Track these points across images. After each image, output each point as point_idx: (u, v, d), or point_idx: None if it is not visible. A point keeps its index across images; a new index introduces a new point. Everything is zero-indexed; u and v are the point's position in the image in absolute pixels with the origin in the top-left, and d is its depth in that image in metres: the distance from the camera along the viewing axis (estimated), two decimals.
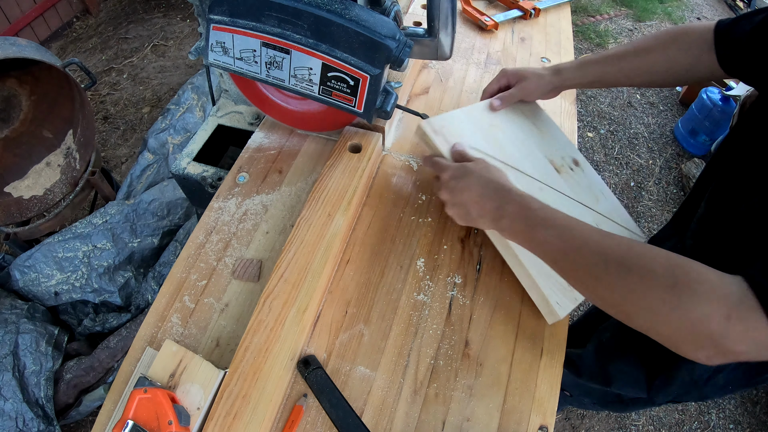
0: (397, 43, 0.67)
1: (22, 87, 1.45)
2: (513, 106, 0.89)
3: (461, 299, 0.74)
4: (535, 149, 0.85)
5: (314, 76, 0.72)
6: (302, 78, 0.73)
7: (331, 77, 0.71)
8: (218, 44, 0.74)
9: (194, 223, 1.60)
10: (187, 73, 2.72)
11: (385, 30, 0.67)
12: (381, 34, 0.66)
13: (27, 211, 1.57)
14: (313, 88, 0.73)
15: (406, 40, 0.68)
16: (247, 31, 0.70)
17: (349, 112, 0.74)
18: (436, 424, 0.63)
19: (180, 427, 0.55)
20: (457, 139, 0.79)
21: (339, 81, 0.71)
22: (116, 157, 2.31)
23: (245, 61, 0.75)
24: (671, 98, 2.77)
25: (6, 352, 1.27)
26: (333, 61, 0.69)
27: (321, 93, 0.73)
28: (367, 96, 0.71)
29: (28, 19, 2.65)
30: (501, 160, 0.80)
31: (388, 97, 0.74)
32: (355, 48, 0.67)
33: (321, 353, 0.68)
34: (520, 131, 0.87)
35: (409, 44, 0.69)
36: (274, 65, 0.73)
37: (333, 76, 0.71)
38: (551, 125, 0.92)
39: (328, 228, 0.72)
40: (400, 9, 0.80)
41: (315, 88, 0.73)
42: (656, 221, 2.17)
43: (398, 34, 0.68)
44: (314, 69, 0.71)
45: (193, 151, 1.04)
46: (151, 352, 0.65)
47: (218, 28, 0.72)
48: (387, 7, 0.78)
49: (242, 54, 0.74)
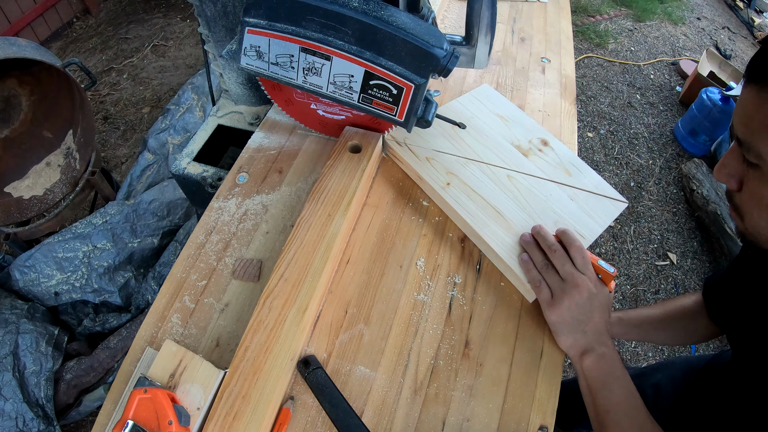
0: (445, 53, 0.65)
1: (22, 87, 1.45)
2: (475, 102, 0.96)
3: (461, 299, 0.74)
4: (500, 139, 0.90)
5: (355, 84, 0.70)
6: (342, 85, 0.71)
7: (374, 85, 0.69)
8: (252, 48, 0.72)
9: (194, 223, 1.60)
10: (187, 73, 2.72)
11: (433, 38, 0.65)
12: (429, 42, 0.64)
13: (27, 211, 1.57)
14: (352, 96, 0.71)
15: (453, 50, 0.66)
16: (286, 35, 0.68)
17: (388, 121, 0.73)
18: (436, 424, 0.63)
19: (180, 427, 0.55)
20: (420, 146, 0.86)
21: (381, 89, 0.69)
22: (116, 157, 2.31)
23: (281, 66, 0.72)
24: (671, 98, 2.77)
25: (6, 352, 1.27)
26: (377, 69, 0.66)
27: (361, 101, 0.71)
28: (410, 105, 0.69)
29: (28, 19, 2.65)
30: (466, 156, 0.86)
31: (429, 106, 0.72)
32: (401, 56, 0.65)
33: (321, 353, 0.68)
34: (483, 125, 0.92)
35: (457, 54, 0.66)
36: (312, 71, 0.71)
37: (375, 84, 0.68)
38: (515, 112, 0.96)
39: (328, 228, 0.72)
40: (435, 16, 0.79)
41: (355, 96, 0.71)
42: (656, 221, 2.17)
43: (446, 43, 0.66)
44: (356, 76, 0.69)
45: (193, 151, 1.04)
46: (151, 352, 0.65)
47: (253, 31, 0.69)
48: (425, 14, 0.76)
49: (278, 59, 0.71)
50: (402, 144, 0.87)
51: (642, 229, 2.14)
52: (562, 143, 0.91)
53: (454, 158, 0.86)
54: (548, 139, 0.91)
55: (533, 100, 1.06)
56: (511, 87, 1.09)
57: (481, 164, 0.85)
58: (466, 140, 0.89)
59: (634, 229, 2.14)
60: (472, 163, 0.85)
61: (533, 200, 0.81)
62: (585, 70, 2.90)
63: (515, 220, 0.78)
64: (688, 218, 2.19)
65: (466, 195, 0.81)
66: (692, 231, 2.15)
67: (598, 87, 2.80)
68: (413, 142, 0.87)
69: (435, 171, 0.84)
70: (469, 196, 0.80)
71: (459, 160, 0.85)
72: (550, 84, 1.10)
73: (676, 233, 2.14)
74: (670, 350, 1.81)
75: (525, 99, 1.06)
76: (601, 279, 0.68)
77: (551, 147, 0.90)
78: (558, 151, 0.89)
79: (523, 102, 1.05)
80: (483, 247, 0.78)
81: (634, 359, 1.75)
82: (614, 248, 2.07)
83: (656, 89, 2.81)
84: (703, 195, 2.10)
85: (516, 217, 0.78)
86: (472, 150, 0.87)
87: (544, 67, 1.14)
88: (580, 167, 0.87)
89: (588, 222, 0.78)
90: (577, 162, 0.88)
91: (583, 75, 2.87)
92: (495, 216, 0.78)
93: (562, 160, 0.88)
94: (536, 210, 0.79)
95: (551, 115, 1.03)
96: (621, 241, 2.09)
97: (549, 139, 0.91)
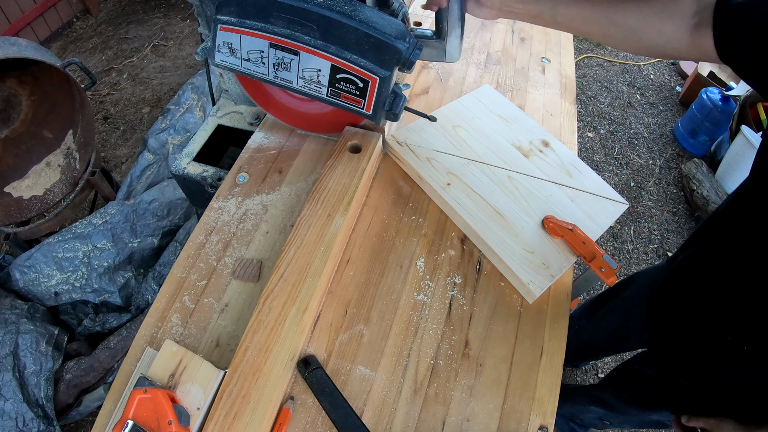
0: (407, 45, 0.67)
1: (22, 87, 1.45)
2: (476, 103, 0.95)
3: (461, 299, 0.74)
4: (501, 139, 0.90)
5: (323, 78, 0.71)
6: (310, 79, 0.72)
7: (340, 79, 0.70)
8: (225, 45, 0.74)
9: (194, 223, 1.60)
10: (187, 73, 2.72)
11: (395, 32, 0.66)
12: (391, 36, 0.66)
13: (27, 211, 1.57)
14: (321, 90, 0.73)
15: (416, 42, 0.68)
16: (255, 32, 0.70)
17: (357, 114, 0.74)
18: (436, 424, 0.63)
19: (180, 427, 0.55)
20: (421, 146, 0.86)
21: (348, 83, 0.70)
22: (116, 157, 2.31)
23: (253, 62, 0.74)
24: (671, 98, 2.77)
25: (6, 352, 1.27)
26: (342, 62, 0.68)
27: (329, 95, 0.73)
28: (376, 98, 0.70)
29: (28, 19, 2.65)
30: (466, 157, 0.86)
31: (397, 99, 0.74)
32: (365, 50, 0.67)
33: (321, 353, 0.68)
34: (484, 125, 0.92)
35: (419, 46, 0.68)
36: (282, 66, 0.73)
37: (342, 78, 0.70)
38: (517, 112, 0.96)
39: (328, 228, 0.72)
40: (407, 11, 0.80)
41: (323, 90, 0.73)
42: (656, 221, 2.17)
43: (408, 36, 0.67)
44: (323, 71, 0.70)
45: (193, 151, 1.04)
46: (151, 352, 0.65)
47: (226, 28, 0.72)
48: (395, 9, 0.77)
49: (250, 55, 0.73)
50: (403, 144, 0.87)
51: (642, 229, 2.14)
52: (562, 144, 0.91)
53: (455, 158, 0.86)
54: (549, 140, 0.91)
55: (533, 100, 1.06)
56: (511, 87, 1.09)
57: (482, 165, 0.85)
58: (466, 141, 0.89)
59: (634, 229, 2.14)
60: (473, 164, 0.85)
61: (534, 201, 0.81)
62: (585, 70, 2.90)
63: (515, 221, 0.78)
64: (688, 218, 2.19)
65: (467, 195, 0.81)
66: (692, 231, 2.15)
67: (598, 87, 2.80)
68: (414, 142, 0.87)
69: (435, 171, 0.84)
70: (469, 197, 0.80)
71: (459, 160, 0.86)
72: (550, 84, 1.10)
73: (676, 233, 2.14)
74: None
75: (525, 99, 1.06)
76: (603, 272, 0.69)
77: (552, 148, 0.90)
78: (559, 152, 0.89)
79: (523, 102, 1.05)
80: (483, 247, 0.78)
81: None
82: (614, 248, 2.07)
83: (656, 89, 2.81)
84: (703, 195, 2.10)
85: (516, 218, 0.78)
86: (472, 150, 0.87)
87: (544, 67, 1.14)
88: (581, 168, 0.87)
89: (588, 223, 0.78)
90: (577, 163, 0.88)
91: (583, 75, 2.87)
92: (495, 216, 0.78)
93: (563, 161, 0.88)
94: (537, 211, 0.79)
95: (551, 115, 1.03)
96: (621, 241, 2.09)
97: (550, 140, 0.91)
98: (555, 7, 0.64)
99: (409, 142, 0.87)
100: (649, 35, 0.59)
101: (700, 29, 0.55)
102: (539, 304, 0.73)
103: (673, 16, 0.57)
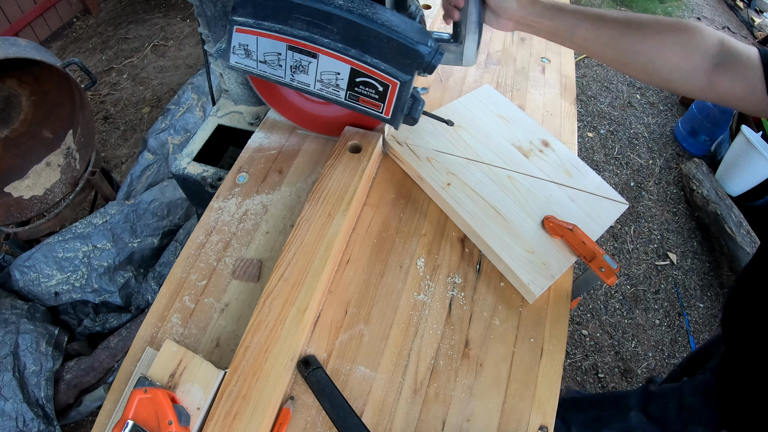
0: (429, 50, 0.65)
1: (22, 87, 1.45)
2: (476, 103, 0.96)
3: (461, 299, 0.74)
4: (501, 139, 0.90)
5: (341, 81, 0.70)
6: (328, 83, 0.71)
7: (360, 83, 0.69)
8: (241, 47, 0.72)
9: (194, 223, 1.60)
10: (187, 73, 2.72)
11: (417, 35, 0.65)
12: (413, 39, 0.64)
13: (27, 211, 1.57)
14: (339, 93, 0.72)
15: (438, 47, 0.67)
16: (273, 33, 0.68)
17: (375, 118, 0.73)
18: (436, 424, 0.63)
19: (180, 427, 0.55)
20: (421, 146, 0.87)
21: (367, 86, 0.69)
22: (116, 157, 2.31)
23: (269, 65, 0.73)
24: (671, 98, 2.77)
25: (6, 352, 1.27)
26: (362, 66, 0.67)
27: (347, 98, 0.72)
28: (396, 102, 0.69)
29: (28, 19, 2.65)
30: (466, 157, 0.87)
31: (415, 104, 0.73)
32: (386, 53, 0.66)
33: (321, 353, 0.68)
34: (484, 125, 0.92)
35: (441, 51, 0.67)
36: (299, 69, 0.71)
37: (361, 82, 0.69)
38: (517, 112, 0.96)
39: (328, 228, 0.72)
40: (424, 14, 0.79)
41: (341, 93, 0.72)
42: (656, 221, 2.17)
43: (430, 40, 0.66)
44: (342, 74, 0.69)
45: (193, 151, 1.04)
46: (151, 352, 0.65)
47: (242, 30, 0.70)
48: (413, 12, 0.76)
49: (266, 57, 0.72)
50: (403, 144, 0.87)
51: (642, 229, 2.14)
52: (562, 144, 0.91)
53: (455, 158, 0.86)
54: (549, 140, 0.91)
55: (533, 100, 1.06)
56: (511, 87, 1.09)
57: (482, 165, 0.85)
58: (466, 140, 0.89)
59: (634, 229, 2.14)
60: (473, 164, 0.85)
61: (534, 201, 0.81)
62: (585, 70, 2.90)
63: (515, 221, 0.78)
64: (688, 218, 2.19)
65: (467, 195, 0.81)
66: (692, 231, 2.15)
67: (598, 87, 2.80)
68: (414, 142, 0.87)
69: (435, 171, 0.84)
70: (469, 197, 0.80)
71: (460, 160, 0.86)
72: (550, 84, 1.10)
73: (676, 233, 2.14)
74: (672, 342, 1.81)
75: (525, 99, 1.06)
76: (603, 272, 0.69)
77: (552, 148, 0.90)
78: (559, 152, 0.89)
79: (523, 102, 1.05)
80: (483, 247, 0.78)
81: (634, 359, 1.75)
82: (614, 248, 2.07)
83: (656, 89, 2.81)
84: (703, 195, 2.10)
85: (516, 218, 0.78)
86: (472, 150, 0.88)
87: (544, 67, 1.14)
88: (581, 168, 0.87)
89: (588, 223, 0.78)
90: (577, 163, 0.88)
91: (583, 75, 2.87)
92: (495, 216, 0.78)
93: (563, 161, 0.88)
94: (537, 211, 0.79)
95: (551, 115, 1.03)
96: (621, 241, 2.09)
97: (550, 140, 0.91)
98: (574, 27, 0.63)
99: (409, 142, 0.87)
100: (664, 69, 0.58)
101: (719, 71, 0.55)
102: (539, 304, 0.73)
103: (693, 54, 0.56)
